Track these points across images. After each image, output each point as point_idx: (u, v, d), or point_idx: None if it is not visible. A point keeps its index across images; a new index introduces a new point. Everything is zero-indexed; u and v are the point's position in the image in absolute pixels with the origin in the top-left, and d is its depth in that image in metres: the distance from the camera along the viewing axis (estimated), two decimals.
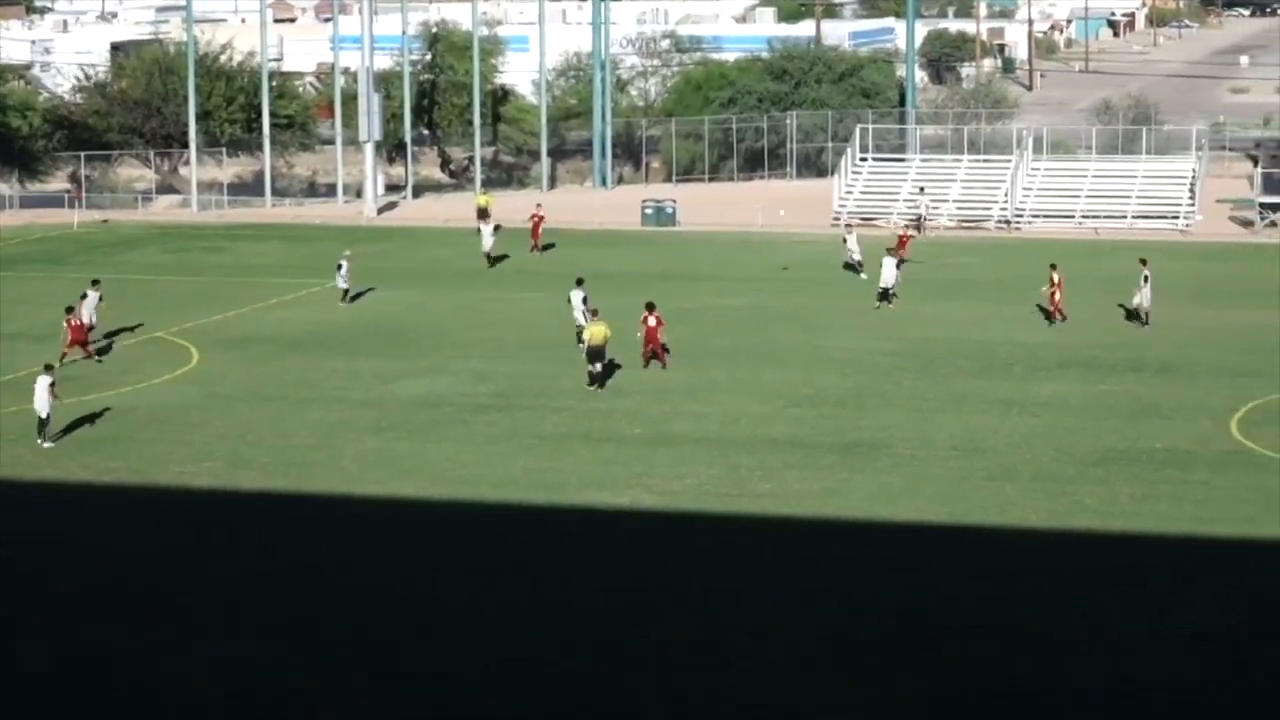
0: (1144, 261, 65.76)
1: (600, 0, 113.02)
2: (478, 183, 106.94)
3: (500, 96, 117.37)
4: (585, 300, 61.04)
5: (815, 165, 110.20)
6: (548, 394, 56.02)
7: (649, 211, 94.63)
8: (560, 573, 39.53)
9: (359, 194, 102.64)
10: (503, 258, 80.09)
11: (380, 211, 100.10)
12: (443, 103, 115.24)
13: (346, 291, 70.71)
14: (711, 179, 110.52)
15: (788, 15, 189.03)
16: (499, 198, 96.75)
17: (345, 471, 47.52)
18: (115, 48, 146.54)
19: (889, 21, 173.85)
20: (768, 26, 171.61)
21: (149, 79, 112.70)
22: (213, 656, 34.49)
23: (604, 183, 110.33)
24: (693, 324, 65.33)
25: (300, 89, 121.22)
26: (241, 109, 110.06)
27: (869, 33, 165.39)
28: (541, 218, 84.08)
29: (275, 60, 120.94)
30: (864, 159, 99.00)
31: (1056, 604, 37.11)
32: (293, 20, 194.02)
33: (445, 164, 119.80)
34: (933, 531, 42.15)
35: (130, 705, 32.43)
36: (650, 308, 58.62)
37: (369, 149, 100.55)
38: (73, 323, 60.46)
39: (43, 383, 49.69)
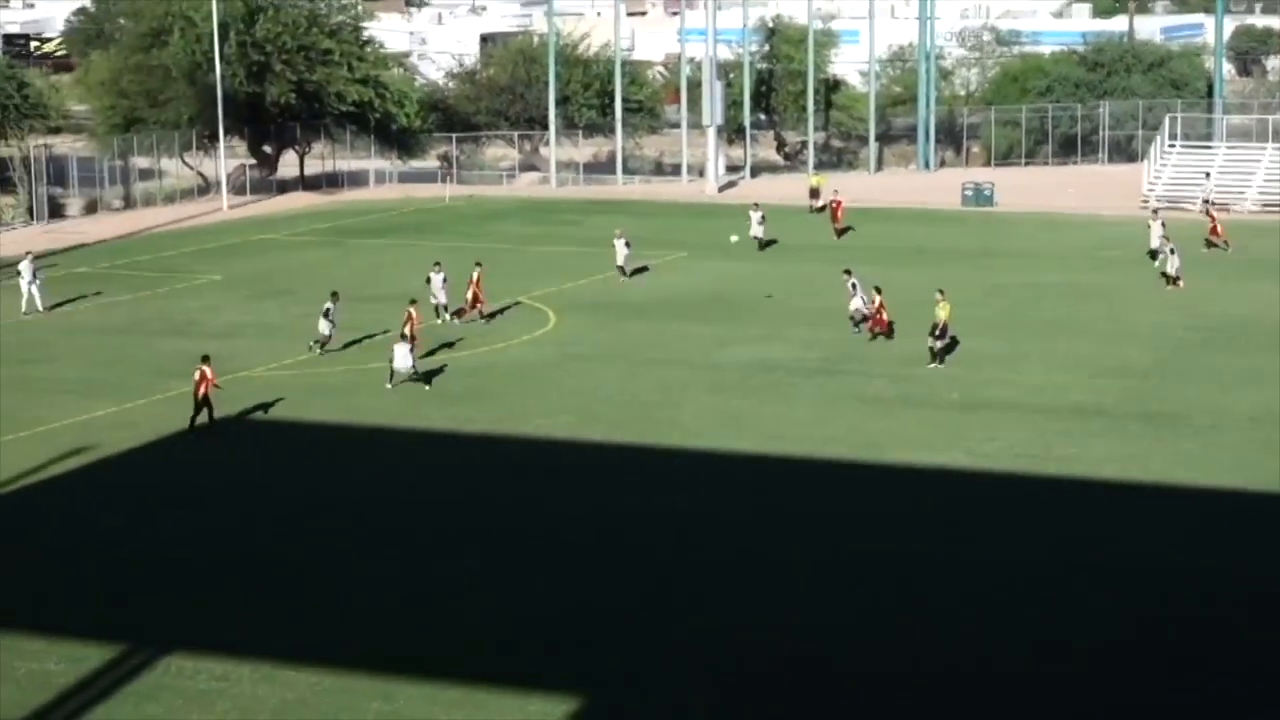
0: None
1: None
2: (810, 164, 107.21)
3: (832, 85, 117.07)
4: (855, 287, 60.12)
5: (1125, 151, 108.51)
6: (869, 361, 55.99)
7: (969, 193, 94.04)
8: (888, 523, 39.80)
9: (701, 173, 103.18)
10: (771, 242, 78.72)
11: (721, 190, 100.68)
12: (779, 90, 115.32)
13: (623, 269, 70.58)
14: (1028, 163, 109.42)
15: (1103, 10, 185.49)
16: (830, 178, 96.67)
17: (685, 427, 48.05)
18: (484, 39, 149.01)
19: (1199, 17, 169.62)
20: (1083, 21, 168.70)
21: (514, 67, 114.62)
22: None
23: (927, 165, 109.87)
24: (1007, 298, 64.91)
25: (649, 77, 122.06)
26: (596, 95, 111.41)
27: (1179, 27, 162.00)
28: (840, 202, 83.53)
29: (627, 50, 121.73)
30: (1172, 146, 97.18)
31: None
32: (644, 14, 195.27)
33: (780, 147, 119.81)
34: (1230, 497, 41.48)
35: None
36: (878, 290, 58.66)
37: (711, 132, 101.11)
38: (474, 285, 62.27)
39: (402, 345, 51.32)
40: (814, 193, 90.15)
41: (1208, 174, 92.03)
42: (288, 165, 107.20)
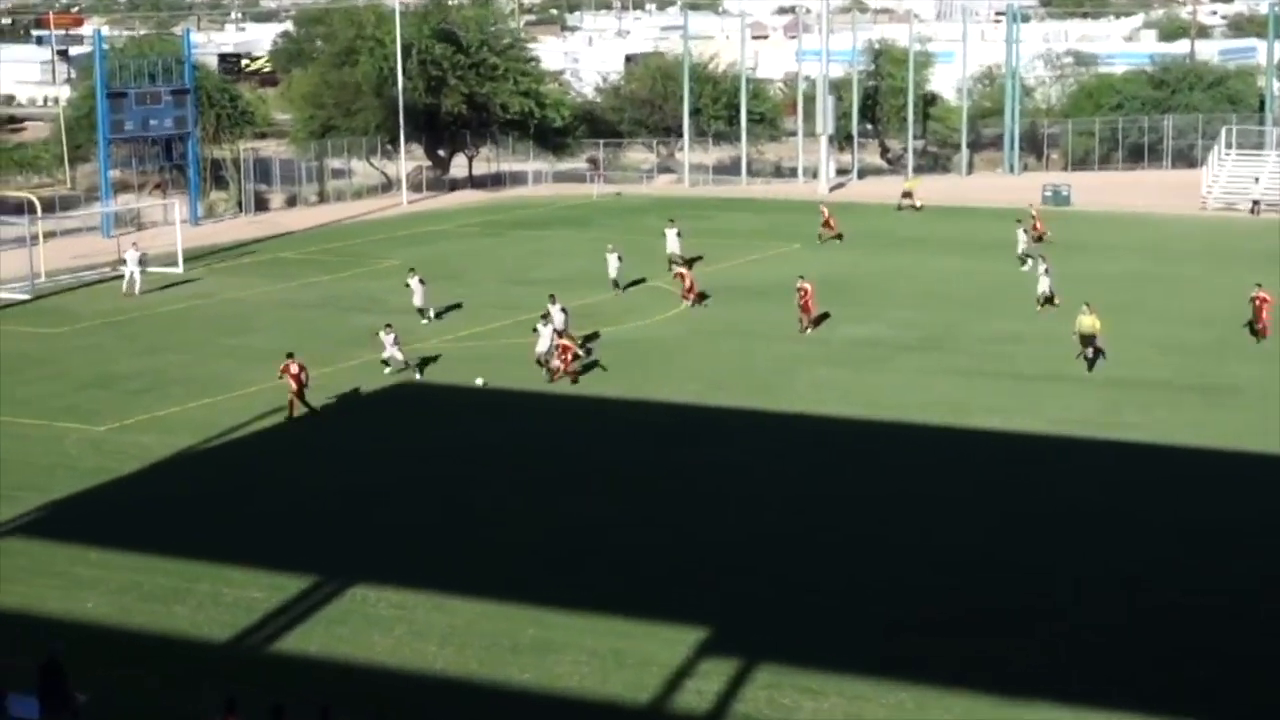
0: None
1: (1013, 22, 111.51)
2: (909, 169, 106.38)
3: (929, 99, 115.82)
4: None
5: (1187, 158, 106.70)
6: (960, 339, 55.45)
7: (1048, 194, 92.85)
8: (961, 478, 39.35)
9: (815, 175, 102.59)
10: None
11: (831, 190, 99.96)
12: (883, 104, 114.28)
13: (617, 283, 64.64)
14: (1100, 168, 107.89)
15: (1167, 35, 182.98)
16: (925, 181, 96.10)
17: (799, 395, 47.76)
18: (628, 58, 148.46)
19: (1252, 41, 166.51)
20: (1150, 45, 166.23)
21: (653, 83, 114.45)
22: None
23: (1012, 170, 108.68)
24: (1079, 286, 63.81)
25: (770, 92, 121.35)
26: (724, 107, 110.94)
27: (1235, 50, 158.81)
28: (827, 218, 78.32)
29: (751, 69, 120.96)
30: (1228, 154, 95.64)
31: None
32: (766, 37, 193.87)
33: (884, 153, 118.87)
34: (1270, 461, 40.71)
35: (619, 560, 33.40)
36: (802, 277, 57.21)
37: (824, 140, 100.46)
38: (686, 277, 61.39)
39: (546, 329, 50.50)
40: (907, 194, 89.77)
41: (1257, 179, 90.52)
42: (459, 166, 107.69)
